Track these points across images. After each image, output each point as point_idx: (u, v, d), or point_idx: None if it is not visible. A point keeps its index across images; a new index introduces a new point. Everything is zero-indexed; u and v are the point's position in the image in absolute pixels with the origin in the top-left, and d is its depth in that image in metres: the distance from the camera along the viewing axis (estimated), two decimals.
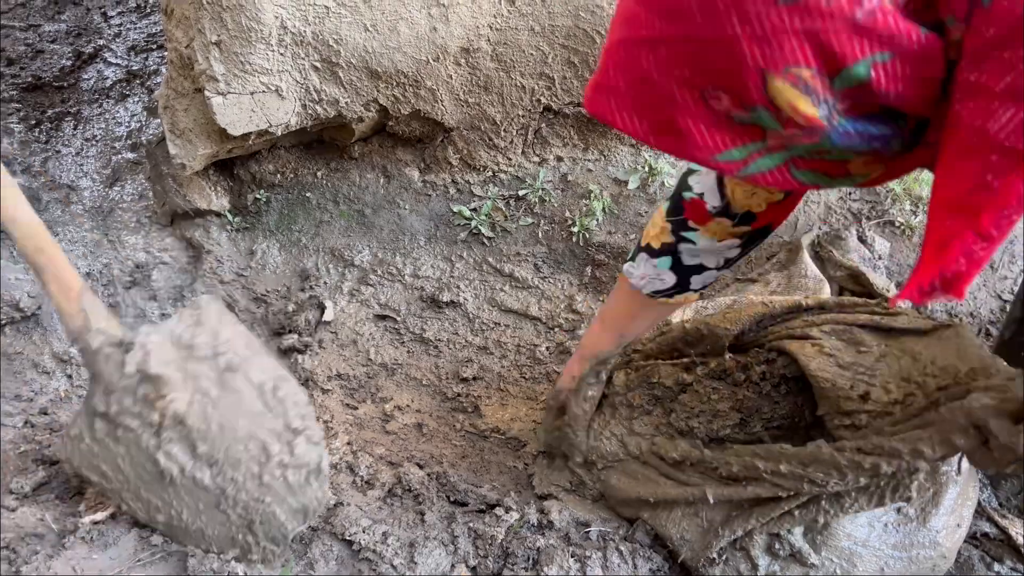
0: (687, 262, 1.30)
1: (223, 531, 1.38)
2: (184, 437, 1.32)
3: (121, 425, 1.32)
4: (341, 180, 2.21)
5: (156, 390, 1.28)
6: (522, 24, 1.86)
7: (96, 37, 3.18)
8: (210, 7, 1.79)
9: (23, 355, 2.01)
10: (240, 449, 1.33)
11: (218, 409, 1.32)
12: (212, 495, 1.34)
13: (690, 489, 1.40)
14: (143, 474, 1.35)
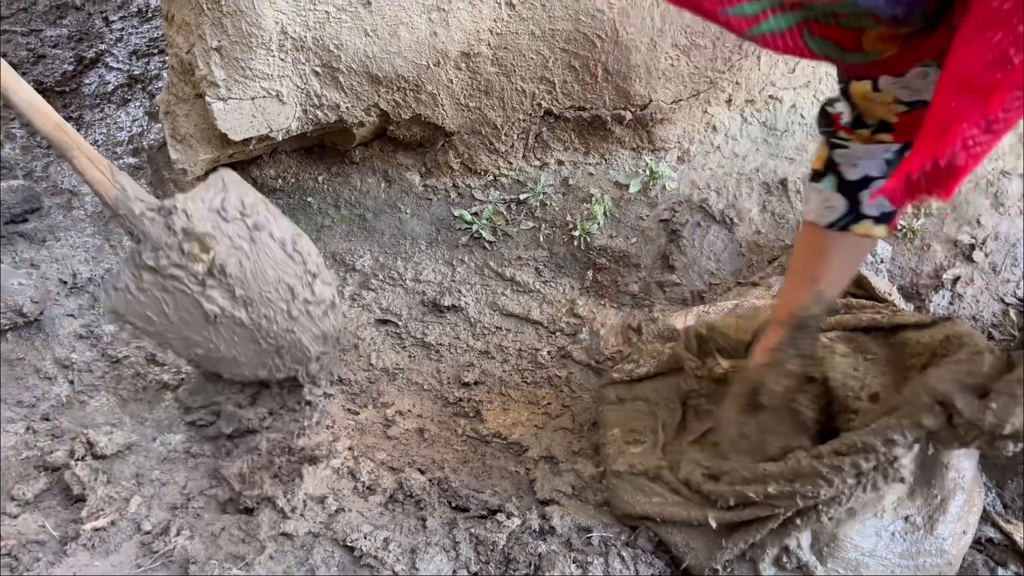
0: (849, 176, 1.20)
1: (255, 358, 1.69)
2: (224, 284, 1.60)
3: (169, 276, 1.57)
4: (342, 184, 2.21)
5: (200, 246, 1.56)
6: (522, 28, 1.86)
7: (98, 42, 3.18)
8: (211, 13, 1.79)
9: (25, 361, 2.01)
10: (271, 291, 1.64)
11: (250, 260, 1.61)
12: (248, 329, 1.65)
13: (694, 513, 1.40)
14: (186, 316, 1.62)
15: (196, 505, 1.59)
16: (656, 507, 1.48)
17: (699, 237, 1.97)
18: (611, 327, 1.96)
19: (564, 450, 1.75)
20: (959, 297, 1.94)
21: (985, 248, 1.97)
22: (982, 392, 1.09)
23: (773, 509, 1.29)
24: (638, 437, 1.65)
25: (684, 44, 1.91)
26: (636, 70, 1.92)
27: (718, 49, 1.94)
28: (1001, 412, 1.04)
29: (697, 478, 1.44)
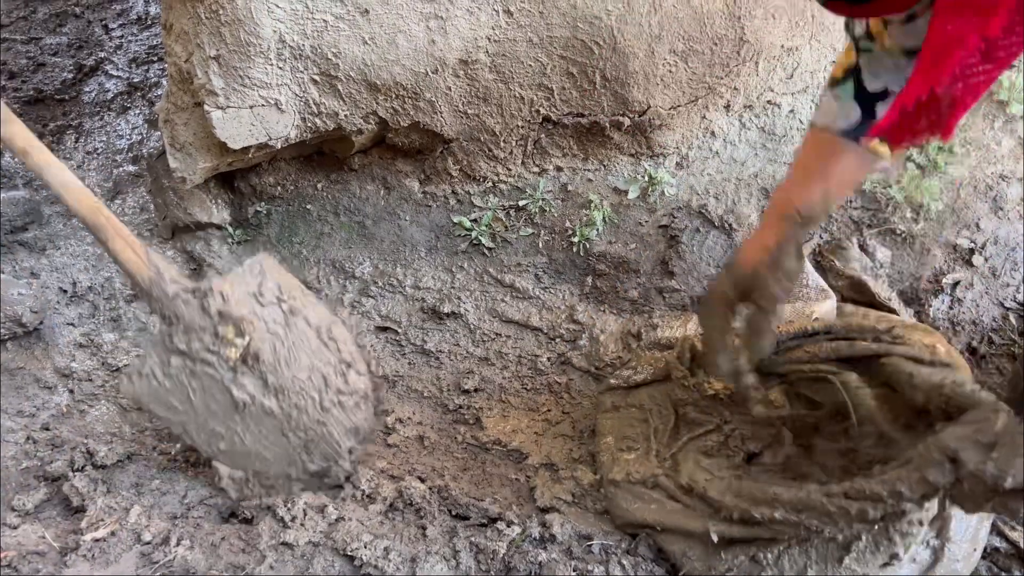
0: (870, 86, 1.17)
1: (281, 452, 1.61)
2: (256, 371, 1.54)
3: (200, 360, 1.52)
4: (341, 192, 2.21)
5: (236, 330, 1.51)
6: (520, 35, 1.86)
7: (97, 50, 3.19)
8: (209, 22, 1.80)
9: (25, 370, 2.02)
10: (304, 379, 1.58)
11: (284, 346, 1.56)
12: (277, 421, 1.58)
13: (694, 523, 1.40)
14: (213, 405, 1.55)
15: (196, 514, 1.59)
16: (655, 515, 1.48)
17: (698, 243, 1.97)
18: (611, 333, 1.96)
19: (564, 457, 1.75)
20: (959, 302, 1.94)
21: (985, 252, 1.96)
22: (990, 448, 1.07)
23: (775, 533, 1.30)
24: (631, 444, 1.64)
25: (682, 50, 1.91)
26: (634, 76, 1.92)
27: (716, 55, 1.94)
28: (1002, 462, 1.01)
29: (701, 483, 1.43)
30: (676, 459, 1.54)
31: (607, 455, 1.65)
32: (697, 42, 1.90)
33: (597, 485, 1.64)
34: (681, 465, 1.52)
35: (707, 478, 1.44)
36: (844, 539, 1.28)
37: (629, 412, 1.69)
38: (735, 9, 1.88)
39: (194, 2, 1.79)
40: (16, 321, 2.00)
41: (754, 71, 2.01)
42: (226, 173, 2.22)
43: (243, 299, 1.54)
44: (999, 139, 2.11)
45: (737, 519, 1.34)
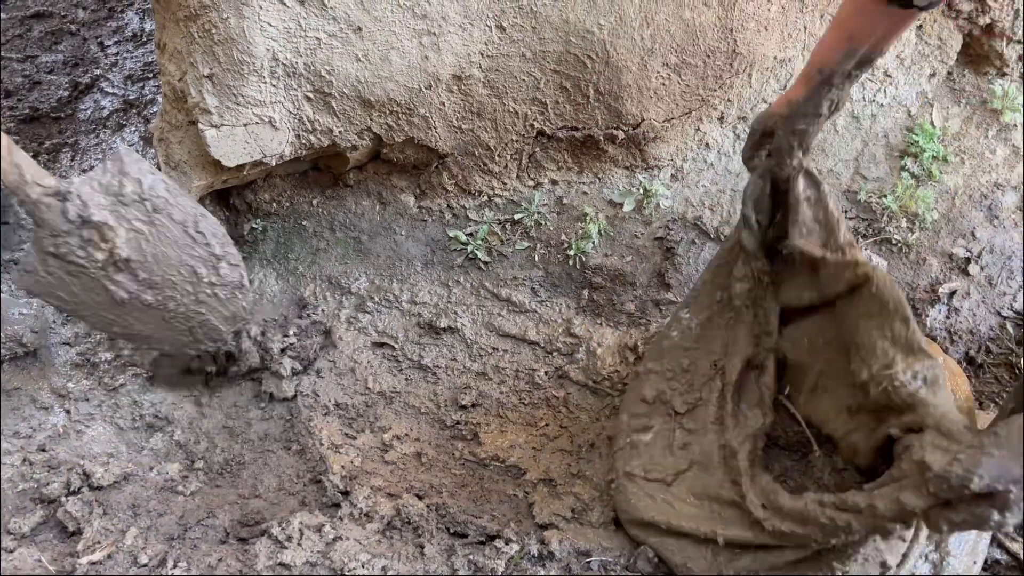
0: None
1: (170, 335, 1.78)
2: (127, 268, 1.66)
3: (71, 262, 1.61)
4: (337, 207, 2.21)
5: (99, 234, 1.60)
6: (513, 51, 1.87)
7: (93, 67, 3.19)
8: (202, 41, 1.80)
9: (21, 391, 2.01)
10: (174, 274, 1.70)
11: (151, 243, 1.66)
12: (157, 311, 1.72)
13: (703, 527, 1.40)
14: (96, 298, 1.66)
15: (193, 535, 1.58)
16: (663, 515, 1.48)
17: (694, 254, 1.97)
18: (608, 346, 1.96)
19: (563, 472, 1.75)
20: (956, 311, 1.94)
21: (981, 261, 1.96)
22: (956, 452, 1.07)
23: (781, 541, 1.30)
24: (646, 422, 1.64)
25: (675, 63, 1.91)
26: (627, 90, 1.92)
27: (709, 67, 1.94)
28: (968, 463, 1.01)
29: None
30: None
31: (624, 438, 1.65)
32: (690, 55, 1.90)
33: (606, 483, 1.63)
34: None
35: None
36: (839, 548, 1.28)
37: (645, 379, 1.69)
38: (727, 22, 1.88)
39: (187, 22, 1.79)
40: (17, 341, 1.99)
41: (747, 82, 2.01)
42: (221, 190, 2.22)
43: (103, 201, 1.61)
44: (993, 148, 2.11)
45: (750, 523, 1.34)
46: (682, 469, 1.54)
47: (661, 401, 1.65)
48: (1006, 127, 2.13)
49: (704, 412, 1.59)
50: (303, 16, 1.76)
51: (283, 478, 1.76)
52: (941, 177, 2.07)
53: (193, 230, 1.72)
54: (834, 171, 2.12)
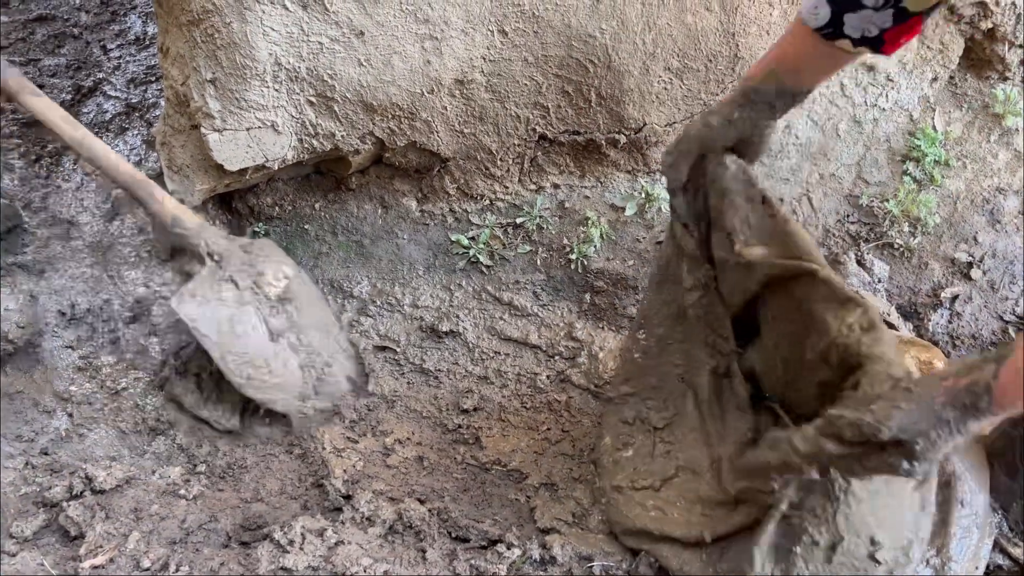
0: None
1: (296, 384, 1.88)
2: (286, 312, 1.91)
3: (247, 289, 1.86)
4: (339, 211, 2.21)
5: (273, 275, 1.91)
6: (515, 55, 1.87)
7: (96, 71, 3.20)
8: (205, 45, 1.80)
9: (24, 394, 2.01)
10: (318, 331, 1.96)
11: (304, 302, 1.96)
12: (298, 356, 1.89)
13: (693, 531, 1.41)
14: (251, 332, 1.84)
15: (195, 539, 1.59)
16: (655, 522, 1.49)
17: None
18: (609, 350, 1.96)
19: (564, 476, 1.75)
20: (958, 316, 1.94)
21: (983, 266, 1.96)
22: (871, 402, 1.13)
23: (766, 500, 1.33)
24: (627, 439, 1.66)
25: (677, 67, 1.91)
26: (629, 94, 1.92)
27: (710, 72, 1.94)
28: (879, 414, 1.07)
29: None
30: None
31: (607, 457, 1.67)
32: (692, 59, 1.91)
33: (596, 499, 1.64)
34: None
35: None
36: (828, 541, 1.30)
37: (622, 402, 1.71)
38: (729, 26, 1.88)
39: (190, 26, 1.80)
40: (3, 338, 1.99)
41: None
42: (224, 194, 2.23)
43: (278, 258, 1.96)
44: (995, 152, 2.11)
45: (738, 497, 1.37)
46: (669, 475, 1.56)
47: (640, 420, 1.68)
48: (1008, 131, 2.13)
49: (682, 425, 1.61)
50: (305, 21, 1.76)
51: (285, 482, 1.77)
52: (943, 181, 2.07)
53: (327, 302, 2.08)
54: (836, 175, 2.12)
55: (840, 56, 1.28)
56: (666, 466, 1.58)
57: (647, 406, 1.68)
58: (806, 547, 1.32)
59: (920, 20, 1.20)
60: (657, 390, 1.68)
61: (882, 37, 1.21)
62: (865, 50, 1.24)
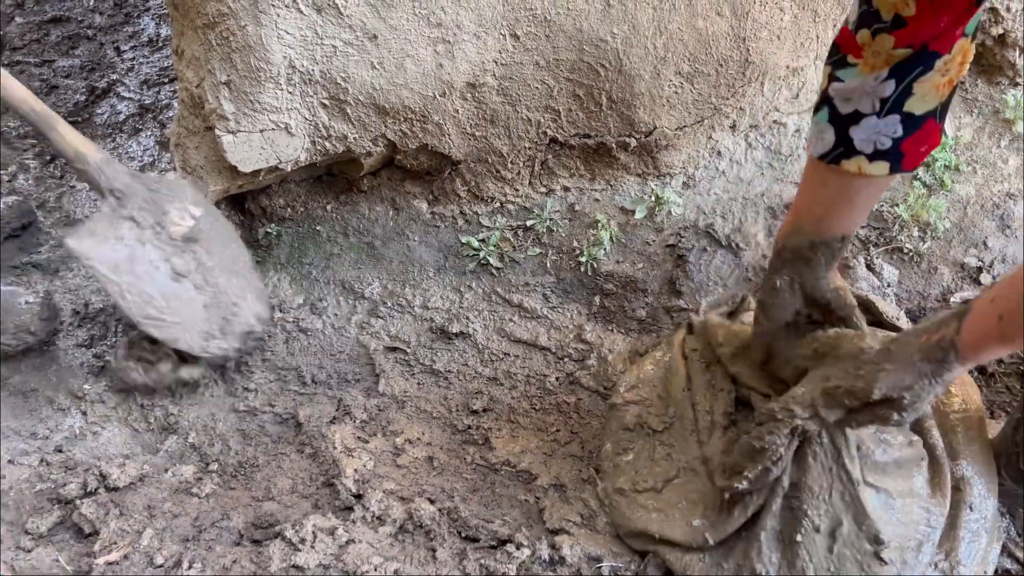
0: (842, 110, 1.21)
1: (202, 326, 1.89)
2: (191, 252, 1.89)
3: (147, 229, 1.82)
4: (351, 213, 2.23)
5: (179, 214, 1.87)
6: (527, 59, 1.88)
7: (109, 72, 3.23)
8: (220, 48, 1.82)
9: (38, 392, 2.03)
10: (228, 265, 1.96)
11: (210, 242, 1.94)
12: (203, 297, 1.90)
13: (695, 536, 1.44)
14: (153, 272, 1.82)
15: (208, 537, 1.60)
16: (657, 525, 1.51)
17: (705, 262, 1.98)
18: (619, 353, 1.97)
19: (573, 478, 1.76)
20: None
21: (992, 271, 1.96)
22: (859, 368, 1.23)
23: (747, 511, 1.40)
24: (628, 445, 1.69)
25: (687, 71, 1.92)
26: (640, 98, 1.93)
27: (721, 76, 1.95)
28: (869, 378, 1.18)
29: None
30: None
31: (607, 463, 1.69)
32: (703, 63, 1.92)
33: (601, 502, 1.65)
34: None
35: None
36: (829, 525, 1.35)
37: (625, 408, 1.74)
38: (740, 31, 1.89)
39: (205, 29, 1.82)
40: (25, 330, 2.01)
41: (760, 91, 2.02)
42: (236, 195, 2.25)
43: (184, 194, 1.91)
44: (1006, 157, 2.12)
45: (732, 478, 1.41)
46: (671, 476, 1.59)
47: (640, 425, 1.72)
48: (1018, 137, 2.13)
49: (681, 428, 1.65)
50: (320, 24, 1.78)
51: (296, 481, 1.78)
52: (953, 187, 2.08)
53: (237, 248, 2.03)
54: None
55: (857, 184, 1.26)
56: (668, 468, 1.61)
57: (648, 412, 1.71)
58: (807, 535, 1.35)
59: (936, 125, 1.19)
60: (662, 399, 1.72)
61: (899, 149, 1.20)
62: (885, 167, 1.22)
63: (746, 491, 1.38)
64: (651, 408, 1.73)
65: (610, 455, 1.71)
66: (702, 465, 1.57)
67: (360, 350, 2.11)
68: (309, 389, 2.04)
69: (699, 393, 1.67)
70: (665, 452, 1.65)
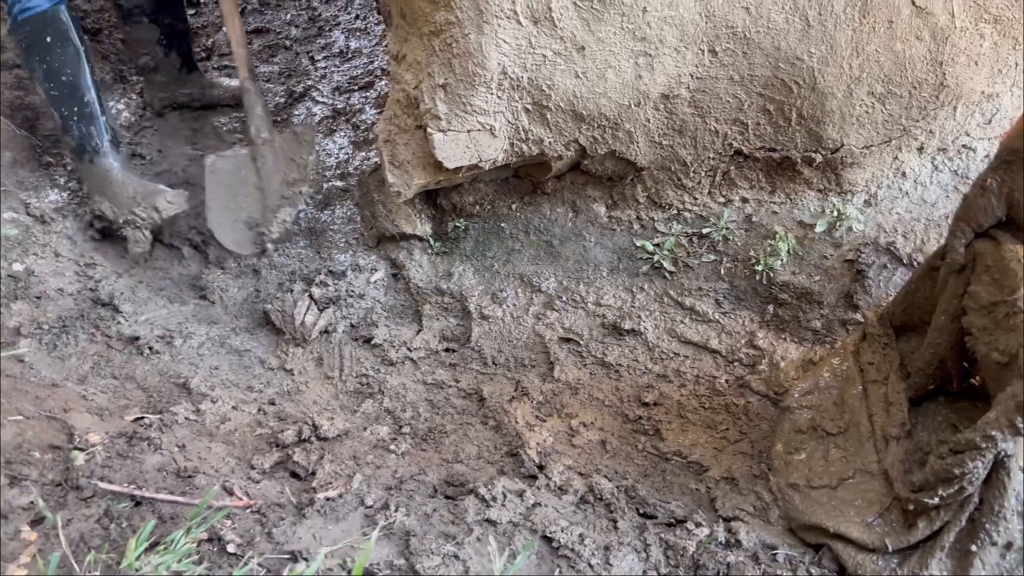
0: None
1: (254, 215, 2.61)
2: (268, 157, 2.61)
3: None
4: (533, 213, 2.39)
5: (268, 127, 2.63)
6: (722, 73, 1.99)
7: (305, 78, 3.56)
8: (441, 54, 2.03)
9: (251, 352, 2.29)
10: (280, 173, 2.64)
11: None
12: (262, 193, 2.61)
13: (872, 538, 1.49)
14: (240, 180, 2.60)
15: (408, 488, 1.77)
16: (831, 519, 1.57)
17: (885, 278, 2.01)
18: (791, 360, 2.03)
19: (745, 473, 1.82)
20: None
21: None
22: None
23: (932, 524, 1.43)
24: (799, 445, 1.77)
25: (880, 92, 1.98)
26: (830, 115, 2.00)
27: (914, 98, 1.99)
28: None
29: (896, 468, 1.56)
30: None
31: (779, 460, 1.77)
32: (896, 85, 1.97)
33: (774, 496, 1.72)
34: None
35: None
36: (1005, 540, 1.39)
37: (800, 412, 1.80)
38: (938, 55, 1.93)
39: (431, 36, 2.03)
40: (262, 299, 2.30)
41: (951, 115, 2.05)
42: (430, 191, 2.45)
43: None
44: None
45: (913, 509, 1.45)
46: (847, 475, 1.65)
47: (813, 428, 1.79)
48: None
49: (857, 434, 1.71)
50: (534, 35, 1.95)
51: (481, 448, 1.93)
52: None
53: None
54: None
55: None
56: (843, 468, 1.66)
57: (823, 416, 1.77)
58: (984, 547, 1.39)
59: None
60: (837, 406, 1.77)
61: None
62: None
63: (935, 507, 1.42)
64: (825, 413, 1.78)
65: (781, 454, 1.78)
66: (880, 469, 1.61)
67: (536, 339, 2.25)
68: (490, 369, 2.20)
69: (875, 404, 1.71)
70: (840, 454, 1.70)
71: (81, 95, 2.37)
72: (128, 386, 2.07)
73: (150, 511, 1.50)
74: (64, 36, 2.30)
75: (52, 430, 1.74)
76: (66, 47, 2.31)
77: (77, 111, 2.38)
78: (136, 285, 2.44)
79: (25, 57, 2.37)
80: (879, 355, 1.78)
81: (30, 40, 2.28)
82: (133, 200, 2.44)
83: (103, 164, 2.43)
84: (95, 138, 2.41)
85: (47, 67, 2.32)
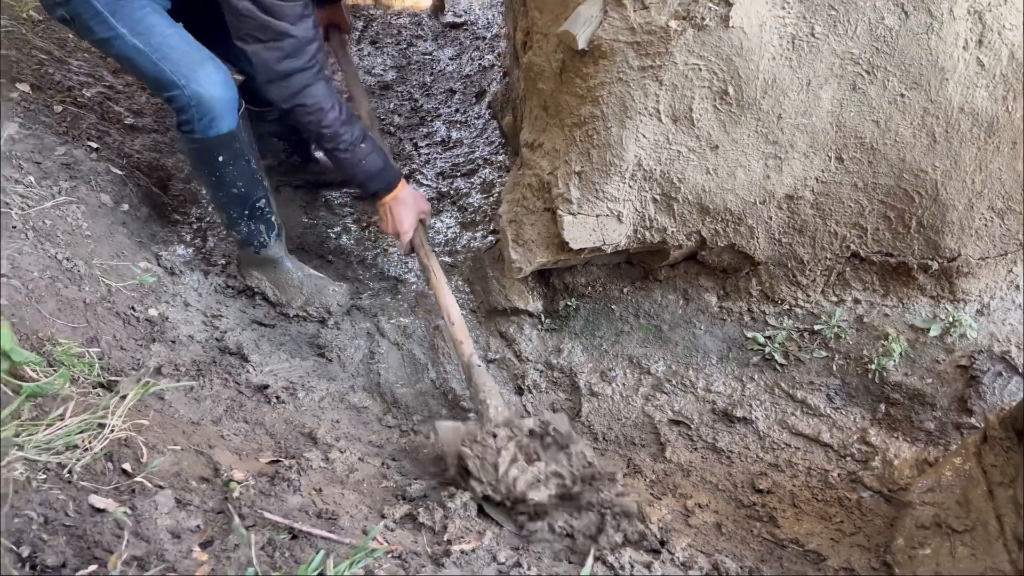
0: None
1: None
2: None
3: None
4: (644, 297, 2.50)
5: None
6: (846, 180, 2.12)
7: (409, 162, 3.78)
8: (580, 144, 2.19)
9: (368, 409, 2.38)
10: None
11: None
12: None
13: None
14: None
15: (535, 549, 1.81)
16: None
17: (1000, 386, 2.06)
18: (905, 459, 2.06)
19: (864, 564, 1.84)
20: None
21: None
22: None
23: None
24: (923, 540, 1.78)
25: (1000, 208, 2.08)
26: (950, 226, 2.11)
27: None
28: None
29: None
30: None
31: (901, 555, 1.79)
32: (1016, 202, 2.07)
33: None
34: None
35: None
36: None
37: (922, 510, 1.81)
38: None
39: (573, 127, 2.20)
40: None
41: None
42: (544, 271, 2.58)
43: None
44: None
45: None
46: (977, 572, 1.65)
47: (937, 524, 1.79)
48: None
49: (985, 534, 1.71)
50: (672, 132, 2.11)
51: None
52: None
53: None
54: None
55: None
56: (972, 566, 1.68)
57: (947, 513, 1.80)
58: None
59: None
60: (960, 505, 1.80)
61: None
62: None
63: None
64: (949, 511, 1.81)
65: (903, 548, 1.80)
66: (1014, 571, 1.63)
67: (645, 419, 2.32)
68: (600, 445, 2.26)
69: (1003, 505, 1.74)
70: (968, 552, 1.71)
71: (253, 202, 2.40)
72: (258, 431, 2.16)
73: (307, 544, 1.56)
74: (242, 151, 2.28)
75: (200, 463, 1.83)
76: (239, 160, 2.29)
77: (248, 214, 2.43)
78: (259, 339, 2.57)
79: (197, 168, 2.35)
80: (1002, 458, 1.82)
81: (211, 155, 2.24)
82: (299, 290, 2.63)
83: (269, 255, 2.57)
84: (263, 235, 2.50)
85: (218, 178, 2.29)
